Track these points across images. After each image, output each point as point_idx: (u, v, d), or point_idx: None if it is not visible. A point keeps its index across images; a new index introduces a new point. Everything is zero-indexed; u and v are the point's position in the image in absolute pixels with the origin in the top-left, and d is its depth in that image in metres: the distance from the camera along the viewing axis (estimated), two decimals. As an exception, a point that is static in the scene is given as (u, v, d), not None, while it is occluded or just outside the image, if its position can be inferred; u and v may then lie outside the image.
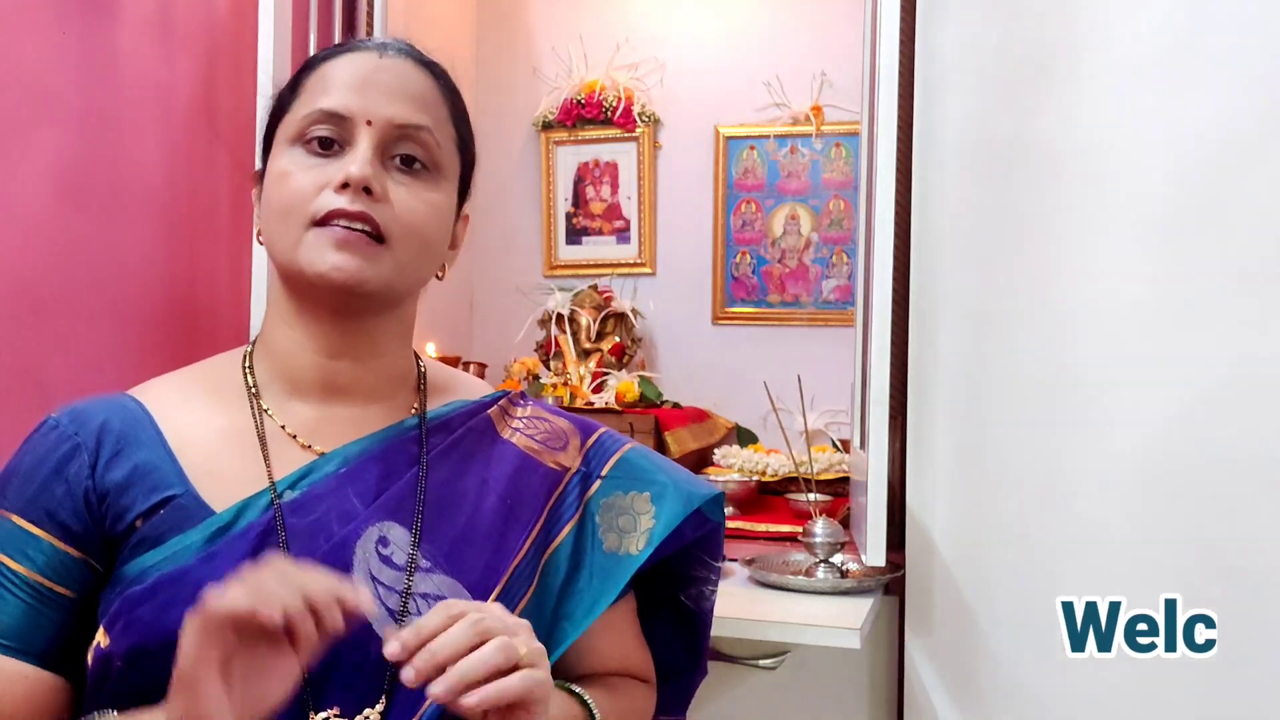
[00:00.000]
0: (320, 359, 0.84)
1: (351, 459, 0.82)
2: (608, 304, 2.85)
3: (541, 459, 0.90)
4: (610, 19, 2.97)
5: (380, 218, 0.79)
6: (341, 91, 0.81)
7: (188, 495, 0.78)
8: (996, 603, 1.40)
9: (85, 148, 1.43)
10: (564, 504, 0.89)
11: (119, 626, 0.74)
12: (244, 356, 0.87)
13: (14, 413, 1.29)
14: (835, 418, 2.55)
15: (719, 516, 0.97)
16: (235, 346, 0.91)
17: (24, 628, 0.76)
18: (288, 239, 0.80)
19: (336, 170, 0.79)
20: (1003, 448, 1.40)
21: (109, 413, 0.81)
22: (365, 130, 0.80)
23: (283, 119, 0.84)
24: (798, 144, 2.85)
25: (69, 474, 0.78)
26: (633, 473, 0.92)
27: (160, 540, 0.76)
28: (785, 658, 1.50)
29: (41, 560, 0.76)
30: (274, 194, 0.81)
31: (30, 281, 1.34)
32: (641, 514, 0.90)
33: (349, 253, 0.78)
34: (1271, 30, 1.22)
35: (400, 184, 0.81)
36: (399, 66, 0.83)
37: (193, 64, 1.62)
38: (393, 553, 0.79)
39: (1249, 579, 1.21)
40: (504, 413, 0.93)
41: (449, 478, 0.85)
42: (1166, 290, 1.27)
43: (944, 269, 1.46)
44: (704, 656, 1.02)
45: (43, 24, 1.35)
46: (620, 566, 0.88)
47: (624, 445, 0.95)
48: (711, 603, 0.99)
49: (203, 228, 1.65)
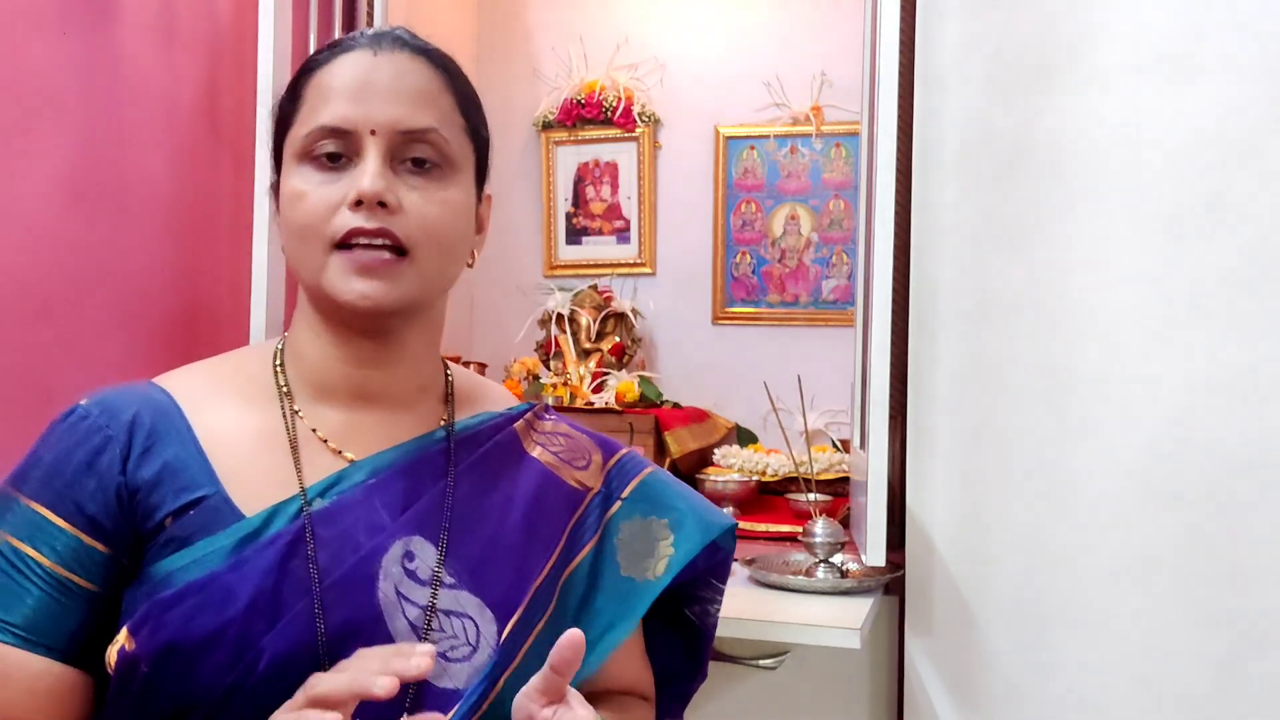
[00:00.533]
0: (349, 368, 0.83)
1: (381, 470, 0.82)
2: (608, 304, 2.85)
3: (563, 476, 0.90)
4: (610, 19, 2.97)
5: (399, 229, 0.78)
6: (340, 102, 0.79)
7: (218, 496, 0.77)
8: (996, 603, 1.40)
9: (88, 150, 1.43)
10: (585, 524, 0.89)
11: (145, 631, 0.72)
12: (274, 354, 0.86)
13: (18, 413, 1.29)
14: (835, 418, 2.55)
15: (730, 545, 0.97)
16: (237, 345, 0.91)
17: (47, 621, 0.74)
18: (311, 263, 0.79)
19: (348, 185, 0.78)
20: (1003, 447, 1.40)
21: (140, 404, 0.80)
22: (371, 140, 0.78)
23: (288, 131, 0.82)
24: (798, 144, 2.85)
25: (100, 468, 0.76)
26: (653, 497, 0.92)
27: (189, 541, 0.75)
28: (785, 658, 1.50)
29: (66, 551, 0.75)
30: (290, 215, 0.80)
31: (33, 283, 1.35)
32: (660, 540, 0.90)
33: (373, 278, 0.77)
34: (1271, 30, 1.22)
35: (414, 188, 0.80)
36: (396, 63, 0.81)
37: (194, 66, 1.62)
38: (418, 568, 0.79)
39: (1249, 579, 1.21)
40: (529, 426, 0.93)
41: (474, 493, 0.84)
42: (1166, 290, 1.27)
43: (944, 269, 1.46)
44: (704, 663, 1.02)
45: (45, 27, 1.35)
46: (636, 593, 0.88)
47: (645, 469, 0.95)
48: (715, 619, 0.99)
49: (205, 229, 1.65)
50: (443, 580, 0.79)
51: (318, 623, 0.74)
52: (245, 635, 0.72)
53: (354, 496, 0.80)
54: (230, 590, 0.73)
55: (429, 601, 0.78)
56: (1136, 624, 1.28)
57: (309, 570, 0.75)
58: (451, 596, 0.79)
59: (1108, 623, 1.30)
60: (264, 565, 0.74)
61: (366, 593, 0.76)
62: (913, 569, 1.47)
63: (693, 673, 1.02)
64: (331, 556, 0.77)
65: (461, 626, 0.78)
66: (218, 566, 0.74)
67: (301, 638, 0.73)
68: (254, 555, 0.75)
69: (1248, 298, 1.22)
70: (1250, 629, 1.21)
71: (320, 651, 0.73)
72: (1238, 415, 1.22)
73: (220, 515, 0.76)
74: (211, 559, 0.74)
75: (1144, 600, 1.27)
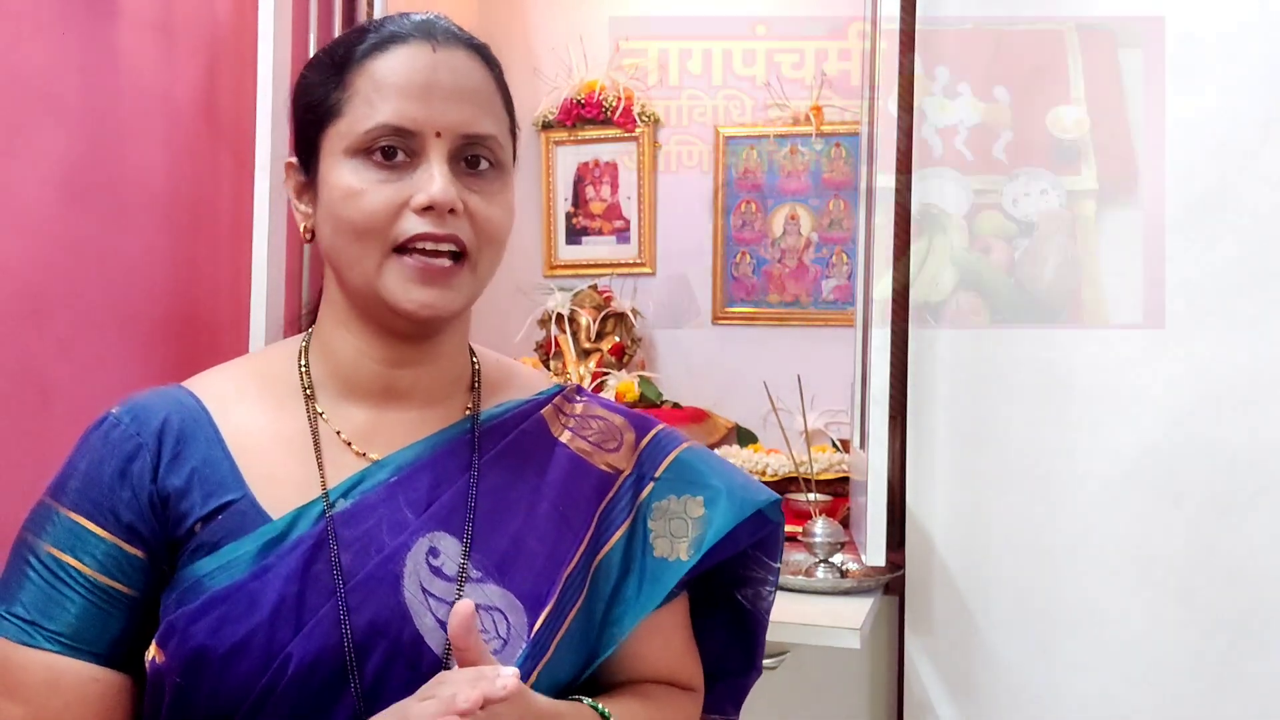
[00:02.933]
0: (381, 368, 0.83)
1: (404, 467, 0.81)
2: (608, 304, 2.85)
3: (593, 461, 0.88)
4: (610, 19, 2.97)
5: (464, 235, 0.77)
6: (404, 100, 0.76)
7: (245, 500, 0.77)
8: (996, 603, 1.40)
9: (87, 150, 1.43)
10: (616, 508, 0.86)
11: (173, 644, 0.73)
12: (300, 352, 0.85)
13: (17, 415, 1.29)
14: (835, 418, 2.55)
15: (778, 517, 0.93)
16: (235, 346, 0.90)
17: (91, 628, 0.75)
18: (365, 264, 0.77)
19: (409, 186, 0.76)
20: (1002, 447, 1.40)
21: (169, 410, 0.80)
22: (435, 142, 0.77)
23: (331, 121, 0.79)
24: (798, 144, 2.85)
25: (132, 476, 0.77)
26: (687, 475, 0.90)
27: (217, 546, 0.75)
28: (785, 658, 1.50)
29: (106, 560, 0.75)
30: (344, 212, 0.77)
31: (32, 284, 1.35)
32: (693, 518, 0.88)
33: (434, 286, 0.77)
34: (1272, 30, 1.22)
35: (474, 191, 0.79)
36: (455, 60, 0.79)
37: (194, 65, 1.62)
38: (443, 563, 0.78)
39: (1249, 579, 1.21)
40: (558, 411, 0.91)
41: (500, 485, 0.83)
42: (1168, 290, 1.27)
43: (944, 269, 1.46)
44: (759, 657, 0.99)
45: (44, 25, 1.35)
46: (668, 572, 0.85)
47: (680, 444, 0.92)
48: (769, 602, 0.96)
49: (204, 228, 1.65)
50: (469, 575, 0.78)
51: (343, 625, 0.74)
52: (271, 641, 0.72)
53: (377, 495, 0.79)
54: (254, 598, 0.73)
55: (456, 596, 0.77)
56: (1136, 624, 1.28)
57: (333, 573, 0.75)
58: (479, 591, 0.78)
59: (1108, 622, 1.30)
60: (287, 571, 0.74)
61: (392, 592, 0.75)
62: (913, 569, 1.47)
63: (746, 667, 0.99)
64: (355, 557, 0.76)
65: (491, 621, 0.77)
66: (242, 574, 0.74)
67: (327, 640, 0.73)
68: (277, 561, 0.75)
69: (1247, 298, 1.22)
70: (1250, 629, 1.21)
71: (347, 653, 0.73)
72: (1238, 415, 1.22)
73: (247, 519, 0.76)
74: (237, 565, 0.75)
75: (1144, 600, 1.27)
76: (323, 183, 0.79)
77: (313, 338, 0.86)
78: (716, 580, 0.95)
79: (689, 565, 0.86)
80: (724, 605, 0.97)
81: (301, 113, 0.82)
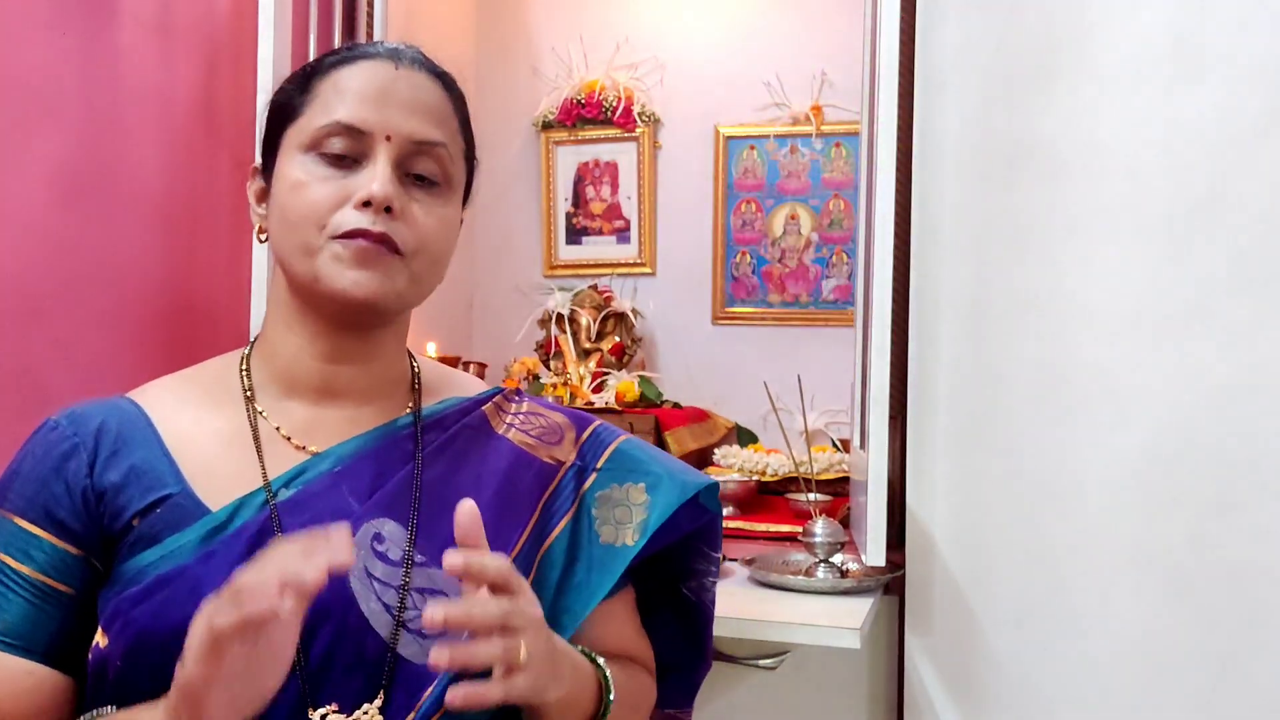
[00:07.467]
0: (320, 364, 0.85)
1: (346, 458, 0.83)
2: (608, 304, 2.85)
3: (537, 454, 0.91)
4: (610, 19, 2.97)
5: (399, 236, 0.80)
6: (359, 104, 0.81)
7: (184, 494, 0.79)
8: (996, 603, 1.40)
9: (85, 148, 1.43)
10: (559, 498, 0.89)
11: (117, 626, 0.75)
12: (241, 359, 0.88)
13: (13, 413, 1.29)
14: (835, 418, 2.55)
15: (715, 507, 0.97)
16: (235, 347, 0.92)
17: (28, 626, 0.77)
18: (303, 250, 0.80)
19: (354, 185, 0.79)
20: (1003, 447, 1.40)
21: (106, 414, 0.83)
22: (384, 145, 0.80)
23: (292, 121, 0.83)
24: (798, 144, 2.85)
25: (67, 473, 0.79)
26: (627, 464, 0.93)
27: (157, 539, 0.77)
28: (785, 658, 1.50)
29: (43, 559, 0.78)
30: (289, 203, 0.81)
31: (29, 282, 1.35)
32: (636, 505, 0.91)
33: (368, 269, 0.79)
34: (1271, 30, 1.22)
35: (416, 200, 0.82)
36: (415, 78, 0.83)
37: (192, 65, 1.62)
38: (388, 549, 0.80)
39: (1249, 579, 1.21)
40: (498, 409, 0.94)
41: (444, 475, 0.85)
42: (1166, 290, 1.27)
43: (944, 269, 1.46)
44: (707, 649, 1.02)
45: (42, 24, 1.35)
46: (616, 558, 0.88)
47: (618, 437, 0.96)
48: (712, 594, 1.00)
49: (202, 228, 1.65)
50: (415, 560, 0.80)
51: None
52: None
53: (320, 484, 0.81)
54: (198, 582, 0.74)
55: (402, 581, 0.79)
56: (1136, 624, 1.28)
57: None
58: (425, 575, 0.80)
59: (1107, 622, 1.30)
60: (231, 557, 0.75)
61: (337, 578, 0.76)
62: (913, 569, 1.47)
63: (696, 659, 1.02)
64: None
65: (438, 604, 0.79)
66: (186, 561, 0.76)
67: None
68: (221, 548, 0.77)
69: (1247, 298, 1.22)
70: (1250, 629, 1.21)
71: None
72: (1237, 415, 1.22)
73: (187, 512, 0.78)
74: (180, 554, 0.77)
75: (1144, 600, 1.27)
76: (276, 177, 0.83)
77: (255, 344, 0.89)
78: (661, 575, 0.99)
79: (635, 549, 0.89)
80: (669, 602, 1.01)
81: (269, 118, 0.86)
